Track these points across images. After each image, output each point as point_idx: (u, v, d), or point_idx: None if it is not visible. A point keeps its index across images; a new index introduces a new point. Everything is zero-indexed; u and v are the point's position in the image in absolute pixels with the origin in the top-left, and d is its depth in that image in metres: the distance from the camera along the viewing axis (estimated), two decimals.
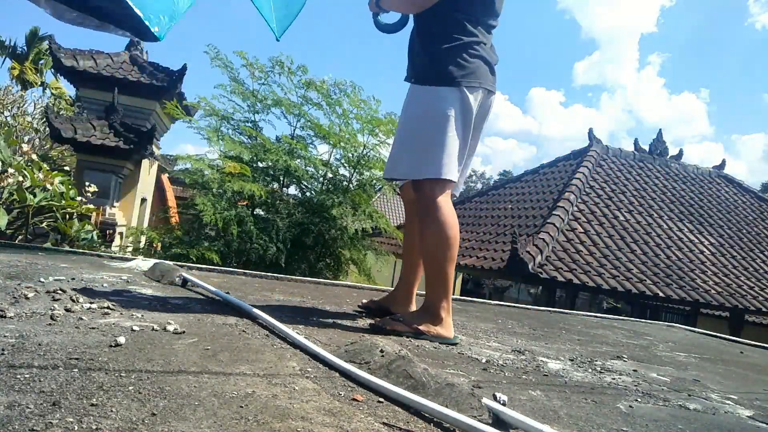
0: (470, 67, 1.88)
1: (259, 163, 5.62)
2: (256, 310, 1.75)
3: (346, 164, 5.98)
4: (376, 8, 2.08)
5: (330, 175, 5.90)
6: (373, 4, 2.06)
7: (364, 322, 2.03)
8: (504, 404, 1.11)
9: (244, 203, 5.44)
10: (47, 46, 14.78)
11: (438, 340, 1.81)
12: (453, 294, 2.47)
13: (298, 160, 5.69)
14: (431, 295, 1.87)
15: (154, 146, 11.18)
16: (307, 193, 5.94)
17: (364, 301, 2.29)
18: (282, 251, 5.07)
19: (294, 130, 5.96)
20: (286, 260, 5.17)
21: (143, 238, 5.82)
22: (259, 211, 5.40)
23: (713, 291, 9.20)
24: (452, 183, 1.89)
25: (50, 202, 4.68)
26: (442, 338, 1.82)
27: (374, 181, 6.03)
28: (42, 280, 1.90)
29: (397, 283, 2.18)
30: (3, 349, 1.09)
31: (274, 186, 5.70)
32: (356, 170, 5.93)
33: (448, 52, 1.90)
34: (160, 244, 5.51)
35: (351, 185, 5.87)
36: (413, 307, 2.09)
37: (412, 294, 2.12)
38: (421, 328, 1.82)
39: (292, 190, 6.12)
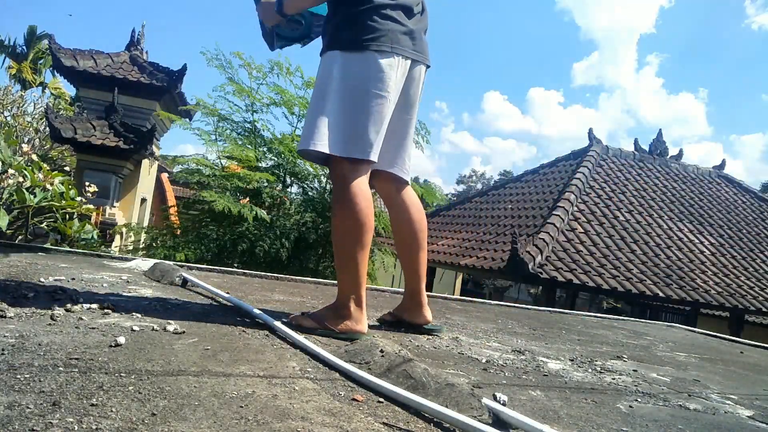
0: (381, 30, 1.67)
1: (261, 162, 5.62)
2: (256, 310, 1.75)
3: None
4: (278, 17, 1.80)
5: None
6: (272, 14, 1.79)
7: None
8: (504, 404, 1.11)
9: (245, 202, 5.45)
10: (47, 46, 14.80)
11: (345, 335, 1.62)
12: (453, 294, 2.47)
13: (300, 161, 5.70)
14: (340, 285, 1.70)
15: (154, 146, 11.18)
16: (310, 193, 5.94)
17: (379, 315, 2.11)
18: (287, 248, 5.07)
19: (294, 130, 5.96)
20: (289, 258, 5.18)
21: (143, 237, 5.82)
22: (262, 212, 5.40)
23: (713, 291, 9.20)
24: (368, 162, 1.68)
25: (50, 203, 4.68)
26: (352, 333, 1.63)
27: None
28: (42, 280, 1.90)
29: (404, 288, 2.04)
30: (3, 349, 1.09)
31: (278, 187, 5.71)
32: None
33: (352, 16, 1.70)
34: (160, 245, 5.52)
35: None
36: (426, 310, 1.95)
37: (418, 295, 1.94)
38: (327, 324, 1.65)
39: (294, 189, 6.13)
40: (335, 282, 2.10)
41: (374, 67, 1.67)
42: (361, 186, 1.66)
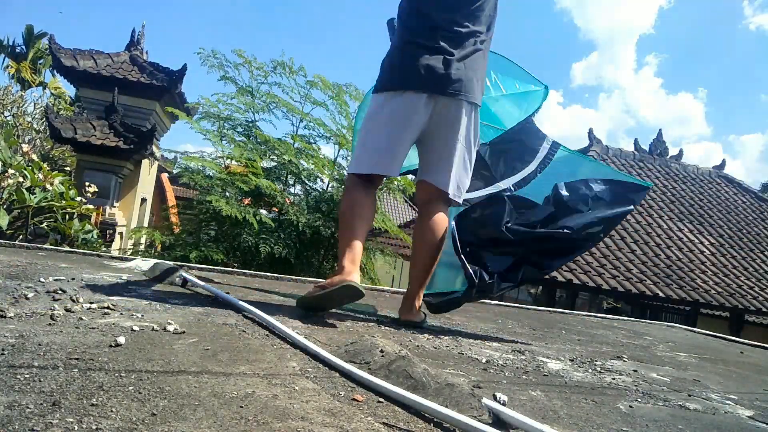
0: (384, 74, 2.07)
1: (262, 162, 5.60)
2: (255, 310, 1.75)
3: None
4: None
5: (337, 175, 5.88)
6: None
7: (364, 322, 2.03)
8: (504, 404, 1.11)
9: (247, 202, 5.43)
10: (47, 46, 14.79)
11: (335, 286, 1.87)
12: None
13: (302, 161, 5.69)
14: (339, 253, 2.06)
15: (154, 146, 11.18)
16: (312, 194, 5.92)
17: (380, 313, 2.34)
18: (292, 249, 5.06)
19: (296, 130, 5.94)
20: (296, 258, 5.16)
21: (143, 239, 5.81)
22: (262, 211, 5.39)
23: (713, 291, 9.20)
24: (361, 175, 2.09)
25: (50, 203, 4.69)
26: (336, 283, 1.88)
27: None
28: (42, 280, 1.90)
29: None
30: (3, 349, 1.09)
31: (279, 186, 5.68)
32: None
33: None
34: (160, 245, 5.50)
35: None
36: (414, 311, 2.13)
37: (409, 298, 2.14)
38: (322, 283, 1.97)
39: (297, 189, 6.10)
40: None
41: (370, 106, 2.13)
42: (353, 190, 2.09)
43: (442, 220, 2.10)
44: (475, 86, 2.06)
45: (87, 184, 6.10)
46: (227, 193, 5.24)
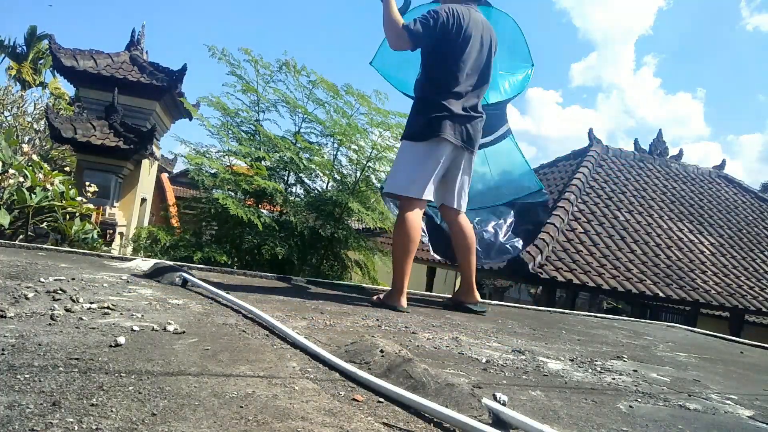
0: (422, 126, 2.70)
1: (263, 161, 5.60)
2: (256, 310, 1.75)
3: (351, 165, 5.95)
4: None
5: (336, 175, 5.87)
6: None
7: (365, 323, 2.03)
8: (504, 404, 1.11)
9: (249, 203, 5.42)
10: (47, 46, 14.80)
11: (394, 307, 2.56)
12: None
13: (306, 159, 5.68)
14: (393, 279, 2.66)
15: (154, 146, 11.17)
16: (312, 194, 5.91)
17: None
18: (295, 250, 5.05)
19: (299, 129, 5.94)
20: (300, 258, 5.16)
21: (144, 234, 5.79)
22: (264, 211, 5.37)
23: (713, 291, 9.19)
24: (418, 200, 2.64)
25: (50, 202, 4.69)
26: (398, 306, 2.57)
27: (376, 182, 6.02)
28: (42, 280, 1.90)
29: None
30: (3, 349, 1.09)
31: (282, 185, 5.66)
32: (363, 172, 5.89)
33: None
34: (163, 244, 5.49)
35: (358, 185, 5.84)
36: (474, 293, 2.96)
37: (467, 284, 2.94)
38: (386, 301, 2.61)
39: (295, 189, 6.09)
40: (335, 283, 2.19)
41: (416, 149, 2.73)
42: (412, 216, 2.63)
43: (466, 225, 2.85)
44: (479, 142, 2.82)
45: (87, 184, 6.11)
46: (231, 193, 5.24)
